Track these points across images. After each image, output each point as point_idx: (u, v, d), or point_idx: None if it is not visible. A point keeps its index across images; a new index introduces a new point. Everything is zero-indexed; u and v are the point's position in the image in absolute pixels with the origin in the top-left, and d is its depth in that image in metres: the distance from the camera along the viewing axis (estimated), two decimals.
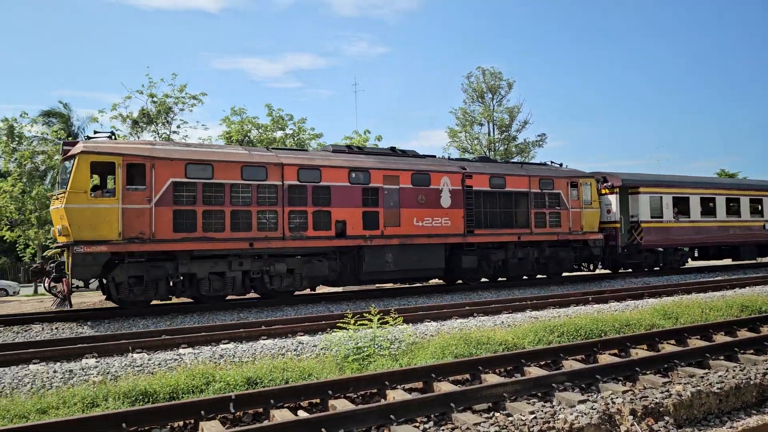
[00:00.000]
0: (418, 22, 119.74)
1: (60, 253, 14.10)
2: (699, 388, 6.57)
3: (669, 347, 9.59)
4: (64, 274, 13.22)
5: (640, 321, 11.36)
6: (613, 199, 22.42)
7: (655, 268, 23.70)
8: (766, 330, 11.04)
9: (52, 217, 14.44)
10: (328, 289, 19.33)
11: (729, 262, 28.20)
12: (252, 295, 16.30)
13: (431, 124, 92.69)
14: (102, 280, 14.17)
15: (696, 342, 9.96)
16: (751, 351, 9.14)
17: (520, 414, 6.21)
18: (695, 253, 25.76)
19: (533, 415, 6.04)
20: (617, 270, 23.80)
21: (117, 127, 28.27)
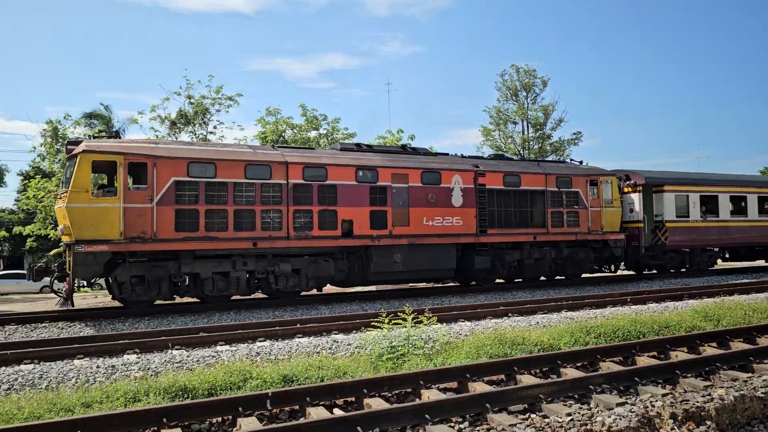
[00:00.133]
0: (451, 20, 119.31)
1: (64, 252, 14.13)
2: (742, 392, 6.42)
3: (710, 350, 9.38)
4: (67, 273, 13.30)
5: (680, 323, 11.13)
6: (636, 198, 21.55)
7: (682, 270, 22.87)
8: None
9: (57, 216, 14.43)
10: (362, 288, 19.36)
11: (763, 263, 27.11)
12: (257, 295, 16.20)
13: (465, 122, 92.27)
14: (108, 280, 14.25)
15: (739, 345, 9.71)
16: None
17: (556, 416, 6.16)
18: (725, 254, 24.77)
19: (570, 417, 5.99)
20: (641, 272, 22.98)
21: (156, 128, 28.97)
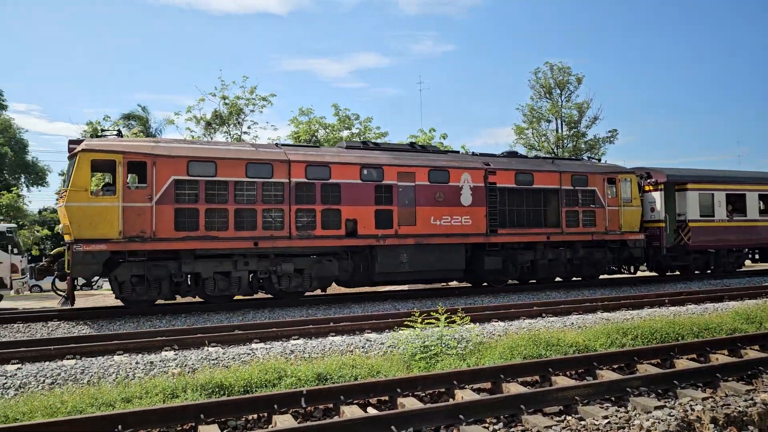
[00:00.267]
0: (484, 18, 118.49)
1: (65, 251, 13.95)
2: None
3: (753, 353, 9.15)
4: (66, 272, 13.15)
5: (720, 325, 10.87)
6: (657, 197, 20.80)
7: (707, 271, 22.01)
8: None
9: (59, 215, 14.40)
10: (396, 287, 19.38)
11: None
12: (260, 295, 16.06)
13: (497, 121, 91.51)
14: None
15: None
16: None
17: (593, 418, 6.08)
18: (755, 255, 23.77)
19: (607, 420, 5.91)
20: (664, 273, 22.16)
21: (191, 128, 29.49)
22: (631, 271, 21.18)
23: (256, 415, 6.54)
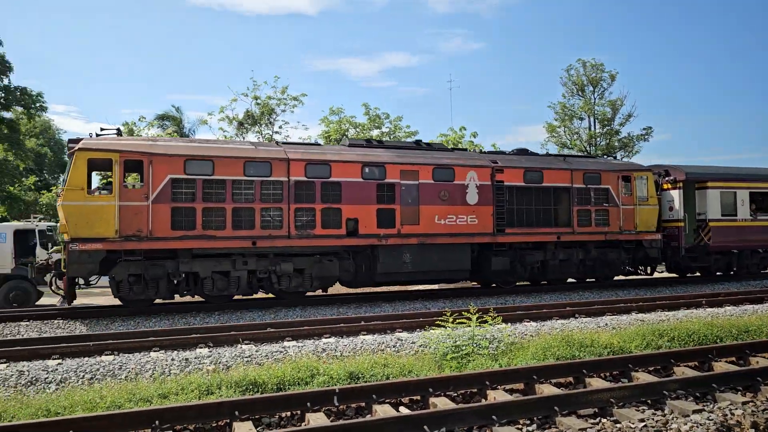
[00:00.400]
0: (514, 15, 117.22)
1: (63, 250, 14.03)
2: None
3: None
4: (63, 271, 13.23)
5: (760, 327, 10.60)
6: (675, 195, 20.02)
7: (730, 273, 21.08)
8: None
9: (59, 214, 14.40)
10: (425, 287, 19.34)
11: None
12: (259, 295, 15.87)
13: (528, 119, 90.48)
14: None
15: None
16: None
17: (628, 421, 6.01)
18: None
19: (643, 423, 5.83)
20: (684, 274, 21.31)
21: (224, 128, 29.90)
22: (648, 272, 20.45)
23: (289, 413, 6.61)
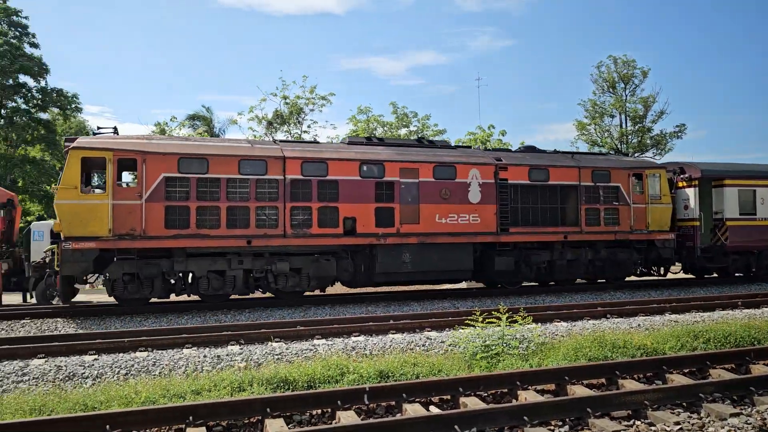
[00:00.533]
0: (544, 11, 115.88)
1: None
2: None
3: None
4: (56, 270, 13.26)
5: None
6: (691, 193, 19.18)
7: (750, 274, 20.16)
8: None
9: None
10: (453, 285, 19.24)
11: None
12: (256, 295, 15.69)
13: (557, 116, 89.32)
14: None
15: None
16: None
17: (663, 424, 5.91)
18: None
19: (678, 426, 5.73)
20: (701, 275, 20.60)
21: (254, 128, 30.21)
22: (661, 273, 19.68)
23: (320, 411, 6.65)
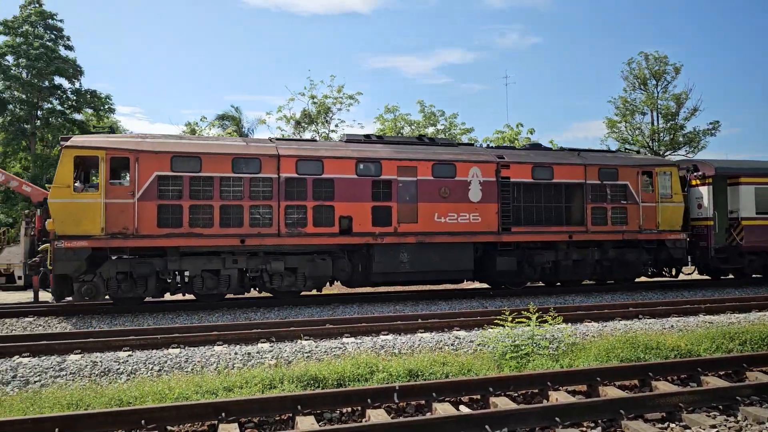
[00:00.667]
0: (572, 7, 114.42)
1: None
2: None
3: None
4: (49, 269, 13.30)
5: None
6: (704, 192, 18.49)
7: None
8: None
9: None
10: (483, 285, 19.13)
11: None
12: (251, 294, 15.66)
13: (587, 114, 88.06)
14: None
15: None
16: None
17: (699, 427, 5.82)
18: None
19: (715, 430, 5.64)
20: (717, 277, 19.82)
21: (282, 127, 30.45)
22: (673, 274, 19.05)
23: (350, 408, 6.68)
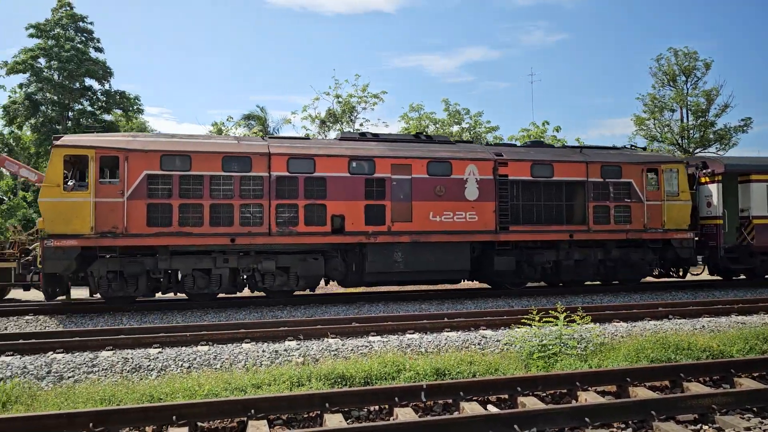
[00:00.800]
0: (598, 3, 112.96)
1: None
2: None
3: None
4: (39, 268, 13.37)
5: None
6: (714, 190, 18.02)
7: None
8: None
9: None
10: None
11: None
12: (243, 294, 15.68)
13: (614, 111, 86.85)
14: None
15: None
16: None
17: (732, 429, 5.72)
18: None
19: None
20: (729, 277, 19.22)
21: (307, 127, 30.64)
22: (680, 274, 18.56)
23: (377, 407, 6.70)
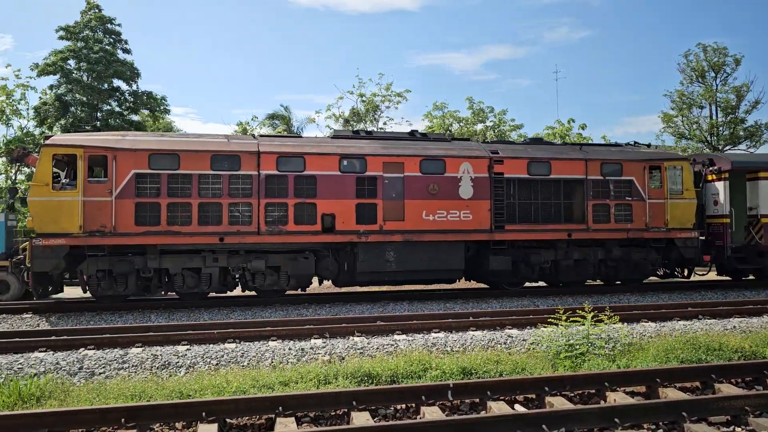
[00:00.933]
0: None
1: None
2: None
3: None
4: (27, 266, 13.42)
5: None
6: (721, 188, 17.53)
7: None
8: None
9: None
10: (533, 284, 18.86)
11: None
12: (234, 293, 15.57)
13: (640, 108, 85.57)
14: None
15: None
16: None
17: (766, 431, 5.59)
18: None
19: None
20: (739, 278, 18.53)
21: (331, 126, 30.74)
22: (685, 274, 17.90)
23: (404, 405, 6.71)
